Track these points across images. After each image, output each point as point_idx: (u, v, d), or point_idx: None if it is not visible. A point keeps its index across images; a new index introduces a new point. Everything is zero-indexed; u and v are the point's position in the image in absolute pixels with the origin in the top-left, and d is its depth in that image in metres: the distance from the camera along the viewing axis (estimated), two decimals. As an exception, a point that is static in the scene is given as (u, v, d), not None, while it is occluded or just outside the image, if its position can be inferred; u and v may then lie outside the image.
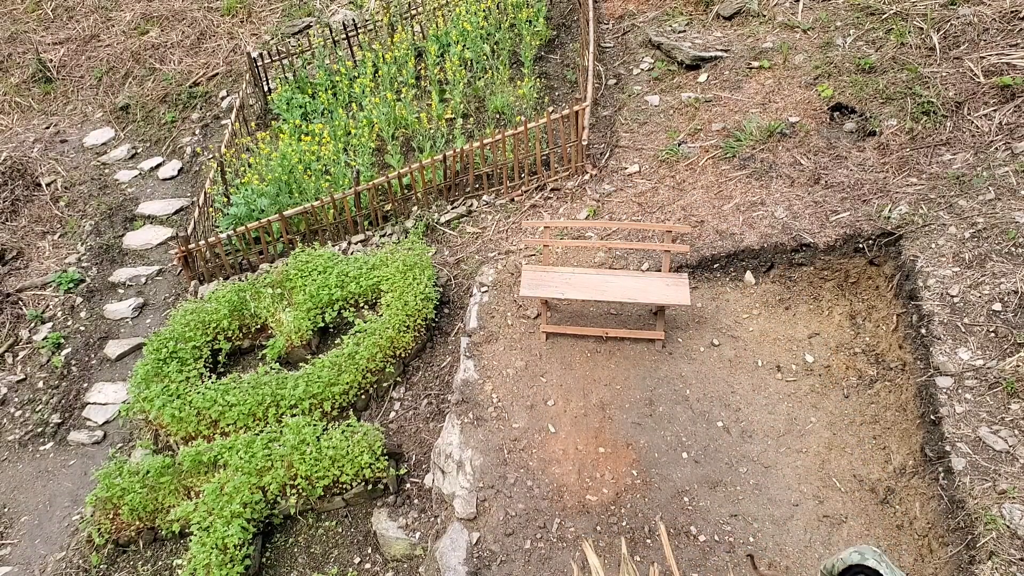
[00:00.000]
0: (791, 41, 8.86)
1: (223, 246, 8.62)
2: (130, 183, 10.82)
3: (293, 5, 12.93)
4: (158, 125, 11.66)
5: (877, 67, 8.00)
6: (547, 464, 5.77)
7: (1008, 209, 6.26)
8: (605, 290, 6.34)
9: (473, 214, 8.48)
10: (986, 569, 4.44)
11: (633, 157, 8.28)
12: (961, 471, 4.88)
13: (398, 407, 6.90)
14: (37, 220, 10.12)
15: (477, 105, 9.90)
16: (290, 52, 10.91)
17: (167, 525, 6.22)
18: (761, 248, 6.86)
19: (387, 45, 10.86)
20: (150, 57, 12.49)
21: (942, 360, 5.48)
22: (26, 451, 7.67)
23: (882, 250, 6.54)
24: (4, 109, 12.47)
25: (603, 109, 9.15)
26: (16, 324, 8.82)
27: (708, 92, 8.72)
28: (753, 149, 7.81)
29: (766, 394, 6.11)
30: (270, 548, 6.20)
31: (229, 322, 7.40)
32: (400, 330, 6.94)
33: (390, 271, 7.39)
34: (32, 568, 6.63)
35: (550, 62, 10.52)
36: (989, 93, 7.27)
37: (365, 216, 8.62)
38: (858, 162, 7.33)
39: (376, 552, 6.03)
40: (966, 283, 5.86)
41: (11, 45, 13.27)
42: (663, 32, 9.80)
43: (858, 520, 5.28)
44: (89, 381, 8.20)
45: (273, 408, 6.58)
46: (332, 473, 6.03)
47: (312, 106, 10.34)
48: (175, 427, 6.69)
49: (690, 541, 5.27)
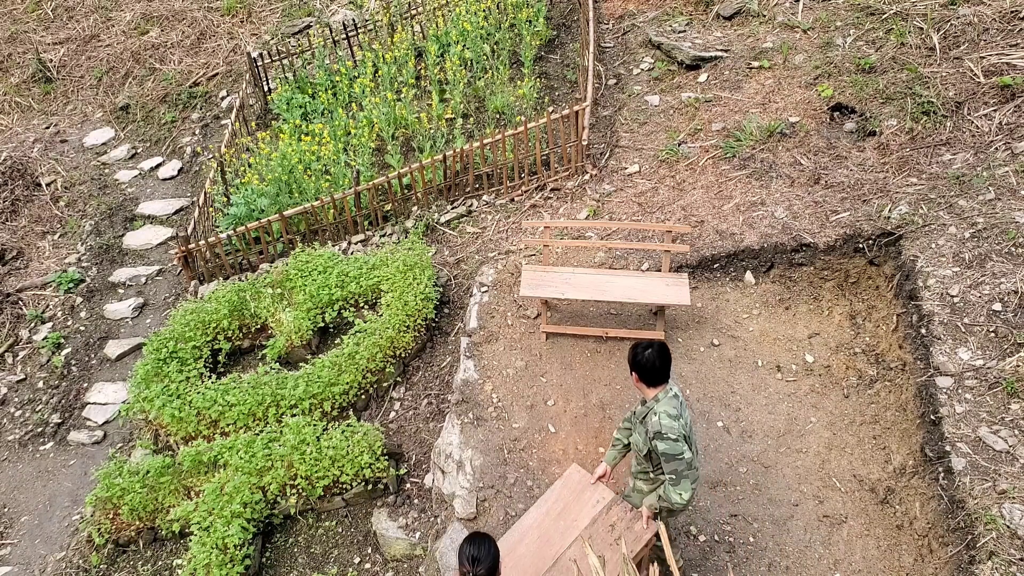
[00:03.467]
0: (791, 41, 8.86)
1: (223, 246, 8.62)
2: (130, 183, 10.83)
3: (293, 5, 12.93)
4: (158, 125, 11.67)
5: (877, 67, 8.00)
6: (547, 464, 5.77)
7: (1008, 209, 6.26)
8: (605, 290, 6.33)
9: (473, 214, 8.48)
10: (986, 569, 4.44)
11: (633, 157, 8.28)
12: (961, 471, 4.88)
13: (398, 407, 6.90)
14: (37, 220, 10.12)
15: (477, 105, 9.90)
16: (290, 52, 10.91)
17: (167, 525, 6.22)
18: (761, 248, 6.86)
19: (387, 45, 10.86)
20: (150, 57, 12.49)
21: (942, 360, 5.48)
22: (26, 451, 7.67)
23: (882, 250, 6.54)
24: (4, 109, 12.47)
25: (603, 109, 9.15)
26: (16, 324, 8.82)
27: (708, 92, 8.72)
28: (753, 149, 7.81)
29: (766, 394, 6.11)
30: (270, 548, 6.20)
31: (229, 322, 7.40)
32: (400, 330, 6.94)
33: (390, 271, 7.39)
34: (32, 568, 6.63)
35: (550, 62, 10.52)
36: (989, 93, 7.27)
37: (365, 216, 8.62)
38: (858, 162, 7.33)
39: (376, 552, 6.03)
40: (966, 283, 5.87)
41: (11, 45, 13.27)
42: (663, 32, 9.81)
43: (858, 520, 5.28)
44: (89, 381, 8.20)
45: (273, 408, 6.58)
46: (332, 473, 6.03)
47: (312, 106, 10.34)
48: (175, 427, 6.69)
49: (690, 541, 5.27)
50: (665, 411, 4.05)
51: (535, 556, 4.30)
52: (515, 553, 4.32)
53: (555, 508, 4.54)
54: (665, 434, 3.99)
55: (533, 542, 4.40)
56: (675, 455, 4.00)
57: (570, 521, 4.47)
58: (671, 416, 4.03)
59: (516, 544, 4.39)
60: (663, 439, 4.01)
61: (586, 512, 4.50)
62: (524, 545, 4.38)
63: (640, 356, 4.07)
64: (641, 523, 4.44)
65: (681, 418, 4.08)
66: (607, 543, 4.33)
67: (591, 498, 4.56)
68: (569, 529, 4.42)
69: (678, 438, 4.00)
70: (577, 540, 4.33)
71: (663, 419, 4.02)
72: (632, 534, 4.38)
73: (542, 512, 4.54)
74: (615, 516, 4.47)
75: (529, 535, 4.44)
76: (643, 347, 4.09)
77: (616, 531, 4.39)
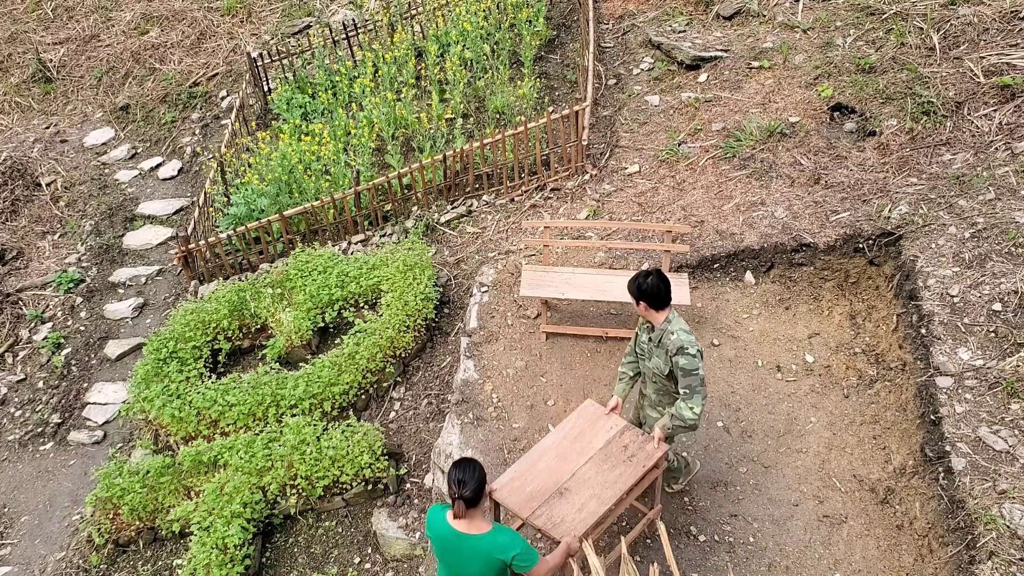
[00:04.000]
0: (791, 41, 8.86)
1: (223, 246, 8.62)
2: (130, 183, 10.83)
3: (293, 5, 12.93)
4: (158, 125, 11.67)
5: (877, 67, 8.00)
6: (547, 464, 5.77)
7: (1008, 209, 6.26)
8: (605, 290, 6.34)
9: (473, 214, 8.48)
10: (986, 569, 4.44)
11: (633, 157, 8.28)
12: (961, 471, 4.88)
13: (398, 407, 6.90)
14: (37, 220, 10.12)
15: (477, 105, 9.90)
16: (290, 52, 10.91)
17: (167, 525, 6.22)
18: (761, 248, 6.86)
19: (387, 45, 10.87)
20: (150, 57, 12.49)
21: (942, 360, 5.48)
22: (26, 451, 7.67)
23: (882, 250, 6.55)
24: (4, 109, 12.47)
25: (603, 109, 9.16)
26: (16, 324, 8.82)
27: (708, 92, 8.72)
28: (753, 149, 7.81)
29: (766, 394, 6.11)
30: (270, 548, 6.20)
31: (229, 322, 7.40)
32: (400, 330, 6.94)
33: (390, 271, 7.40)
34: (32, 568, 6.64)
35: (550, 62, 10.52)
36: (989, 93, 7.27)
37: (365, 216, 8.63)
38: (858, 162, 7.33)
39: (376, 552, 6.03)
40: (966, 283, 5.87)
41: (11, 45, 13.27)
42: (663, 32, 9.81)
43: (858, 520, 5.28)
44: (89, 381, 8.20)
45: (273, 408, 6.58)
46: (332, 473, 6.03)
47: (312, 106, 10.34)
48: (175, 427, 6.69)
49: (690, 541, 5.27)
50: (680, 327, 4.38)
51: (552, 471, 4.61)
52: (535, 468, 4.65)
53: (571, 433, 4.85)
54: (686, 348, 4.30)
55: (551, 459, 4.68)
56: (692, 370, 4.32)
57: (585, 443, 4.77)
58: (687, 331, 4.36)
59: (535, 461, 4.69)
60: (684, 354, 4.31)
61: (600, 436, 4.81)
62: (543, 462, 4.68)
63: (644, 284, 4.37)
64: (652, 444, 4.69)
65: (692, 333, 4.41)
66: (620, 460, 4.64)
67: (605, 425, 4.88)
68: (585, 449, 4.73)
69: (696, 353, 4.31)
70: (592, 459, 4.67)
71: (681, 335, 4.34)
72: (644, 453, 4.66)
73: (559, 436, 4.85)
74: (628, 439, 4.76)
75: (548, 454, 4.73)
76: (643, 276, 4.40)
77: (629, 451, 4.68)
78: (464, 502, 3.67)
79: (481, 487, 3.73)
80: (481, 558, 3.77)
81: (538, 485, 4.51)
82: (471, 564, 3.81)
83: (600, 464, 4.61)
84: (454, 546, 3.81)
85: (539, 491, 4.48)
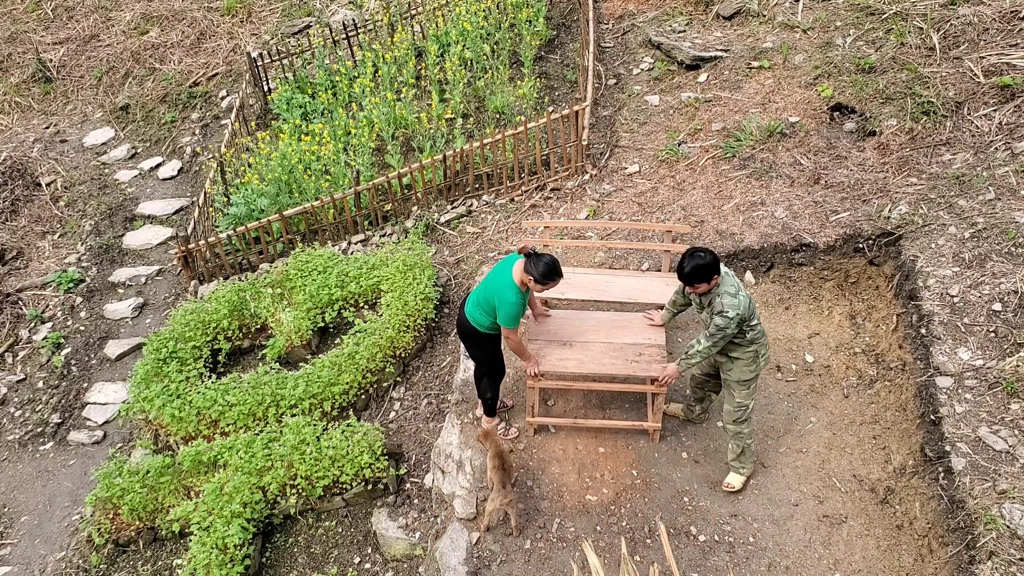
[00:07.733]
0: (791, 41, 8.86)
1: (223, 246, 8.62)
2: (130, 183, 10.82)
3: (293, 5, 12.93)
4: (158, 125, 11.67)
5: (877, 67, 8.00)
6: (547, 464, 5.77)
7: (1008, 209, 6.26)
8: (605, 290, 6.33)
9: (473, 214, 8.48)
10: (986, 569, 4.44)
11: (633, 157, 8.28)
12: (961, 471, 4.88)
13: (398, 407, 6.90)
14: (37, 220, 10.12)
15: (477, 105, 9.90)
16: (290, 52, 10.91)
17: (167, 525, 6.22)
18: (761, 248, 6.86)
19: (387, 45, 10.87)
20: (150, 57, 12.49)
21: (942, 360, 5.48)
22: (26, 451, 7.67)
23: (882, 250, 6.55)
24: (4, 109, 12.48)
25: (603, 109, 9.16)
26: (16, 324, 8.82)
27: (708, 92, 8.72)
28: (753, 149, 7.81)
29: (766, 394, 6.11)
30: (270, 548, 6.20)
31: (229, 322, 7.40)
32: (400, 330, 6.94)
33: (390, 271, 7.39)
34: (32, 568, 6.63)
35: (550, 62, 10.52)
36: (989, 93, 7.27)
37: (365, 216, 8.62)
38: (858, 162, 7.33)
39: (376, 552, 6.03)
40: (966, 283, 5.87)
41: (11, 45, 13.27)
42: (663, 32, 9.81)
43: (858, 520, 5.28)
44: (89, 381, 8.20)
45: (273, 408, 6.58)
46: (332, 473, 6.03)
47: (312, 106, 10.34)
48: (175, 427, 6.69)
49: (690, 541, 5.27)
50: (725, 291, 4.77)
51: (575, 330, 5.76)
52: (569, 321, 5.85)
53: (619, 321, 5.86)
54: (725, 312, 4.72)
55: (587, 324, 5.82)
56: (722, 327, 4.76)
57: (619, 332, 5.71)
58: (731, 294, 4.75)
59: (573, 317, 5.91)
60: (721, 315, 4.74)
61: (634, 335, 5.68)
62: (577, 320, 5.87)
63: (688, 266, 4.71)
64: (661, 365, 5.38)
65: (740, 293, 4.77)
66: (628, 357, 5.50)
67: (645, 333, 5.72)
68: (614, 335, 5.69)
69: (733, 317, 4.70)
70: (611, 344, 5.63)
71: (724, 299, 4.75)
72: (649, 364, 5.43)
73: (609, 317, 5.93)
74: (648, 351, 5.55)
75: (589, 320, 5.88)
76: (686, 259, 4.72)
77: (643, 357, 5.49)
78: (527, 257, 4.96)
79: (553, 268, 4.98)
80: (489, 287, 5.10)
81: (558, 332, 5.72)
82: (488, 283, 5.16)
83: (612, 350, 5.54)
84: (499, 268, 5.14)
85: (556, 335, 5.71)
